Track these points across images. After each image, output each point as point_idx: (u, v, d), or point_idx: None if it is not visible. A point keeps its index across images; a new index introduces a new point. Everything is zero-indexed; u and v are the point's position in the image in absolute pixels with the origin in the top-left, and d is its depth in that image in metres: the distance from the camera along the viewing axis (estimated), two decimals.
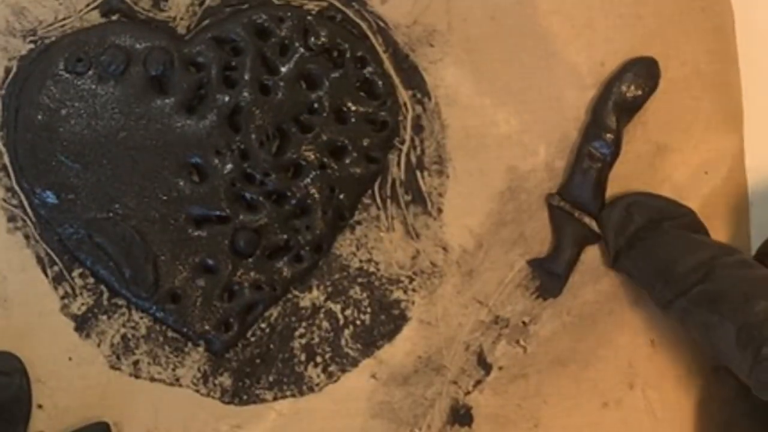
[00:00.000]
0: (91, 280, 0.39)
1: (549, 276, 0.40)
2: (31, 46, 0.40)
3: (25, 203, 0.39)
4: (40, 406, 0.39)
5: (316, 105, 0.40)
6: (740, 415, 0.39)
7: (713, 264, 0.36)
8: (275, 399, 0.40)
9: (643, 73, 0.40)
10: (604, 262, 0.41)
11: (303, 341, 0.40)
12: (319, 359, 0.40)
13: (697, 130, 0.41)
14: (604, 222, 0.40)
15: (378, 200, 0.41)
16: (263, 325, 0.40)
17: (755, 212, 0.41)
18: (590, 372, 0.40)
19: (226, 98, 0.39)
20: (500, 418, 0.40)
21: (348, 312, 0.40)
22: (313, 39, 0.40)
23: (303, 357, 0.40)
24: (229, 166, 0.39)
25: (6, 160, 0.39)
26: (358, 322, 0.40)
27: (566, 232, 0.40)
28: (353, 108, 0.40)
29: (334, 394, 0.40)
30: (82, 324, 0.39)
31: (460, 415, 0.40)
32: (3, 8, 0.39)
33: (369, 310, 0.40)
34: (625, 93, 0.40)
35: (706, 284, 0.36)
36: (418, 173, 0.41)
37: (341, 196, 0.40)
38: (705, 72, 0.41)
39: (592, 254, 0.41)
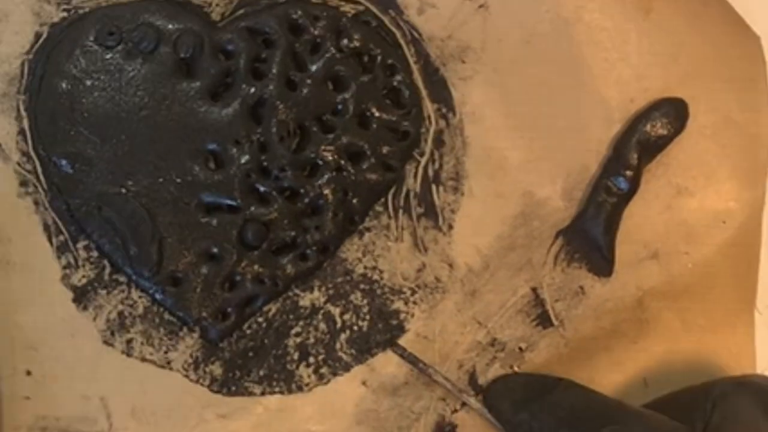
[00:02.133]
0: (95, 253, 0.39)
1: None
2: (64, 14, 0.40)
3: (39, 169, 0.39)
4: (29, 373, 0.39)
5: (340, 107, 0.40)
6: None
7: None
8: (263, 394, 0.40)
9: (671, 114, 0.40)
10: (607, 299, 0.40)
11: (298, 340, 0.40)
12: (311, 360, 0.40)
13: (720, 178, 0.41)
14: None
15: (390, 209, 0.40)
16: (260, 319, 0.40)
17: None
18: None
19: (252, 89, 0.39)
20: None
21: (347, 316, 0.40)
22: (345, 41, 0.40)
23: (296, 356, 0.40)
24: (246, 157, 0.39)
25: (25, 124, 0.39)
26: (355, 328, 0.40)
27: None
28: (377, 114, 0.40)
29: (322, 395, 0.40)
30: (81, 296, 0.39)
31: None
32: None
33: (368, 317, 0.40)
34: (650, 132, 0.40)
35: None
36: (434, 187, 0.40)
37: (354, 201, 0.40)
38: (735, 120, 0.41)
39: (598, 292, 0.40)
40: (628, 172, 0.39)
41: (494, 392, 0.40)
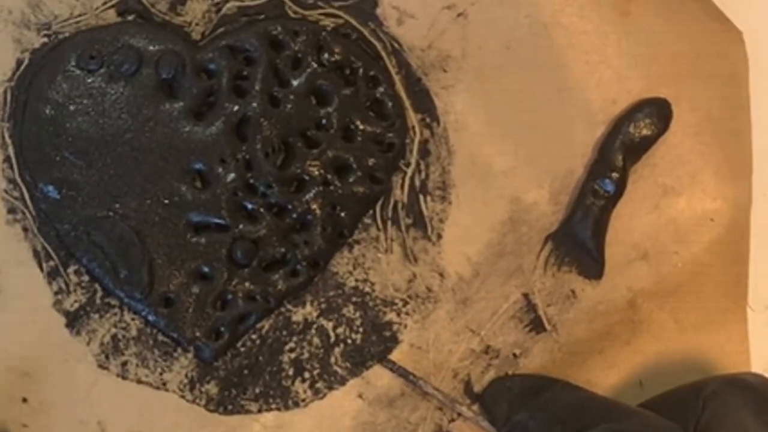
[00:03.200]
0: (86, 277, 0.39)
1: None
2: (45, 40, 0.40)
3: (26, 196, 0.39)
4: (25, 400, 0.39)
5: (324, 121, 0.40)
6: None
7: None
8: (260, 411, 0.40)
9: (655, 114, 0.40)
10: (599, 302, 0.40)
11: (292, 356, 0.40)
12: (307, 375, 0.40)
13: (705, 176, 0.41)
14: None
15: (379, 221, 0.40)
16: (254, 337, 0.40)
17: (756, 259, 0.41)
18: None
19: (235, 107, 0.39)
20: None
21: (340, 330, 0.40)
22: (326, 55, 0.40)
23: (291, 371, 0.40)
24: (232, 175, 0.39)
25: (10, 151, 0.39)
26: (349, 341, 0.40)
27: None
28: (361, 127, 0.40)
29: (319, 410, 0.40)
30: (74, 321, 0.39)
31: None
32: (20, 0, 0.39)
33: (361, 329, 0.40)
34: (634, 133, 0.40)
35: None
36: (421, 197, 0.40)
37: (342, 214, 0.40)
38: (717, 118, 0.41)
39: (589, 294, 0.40)
40: (614, 174, 0.39)
41: (491, 395, 0.40)
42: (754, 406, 0.34)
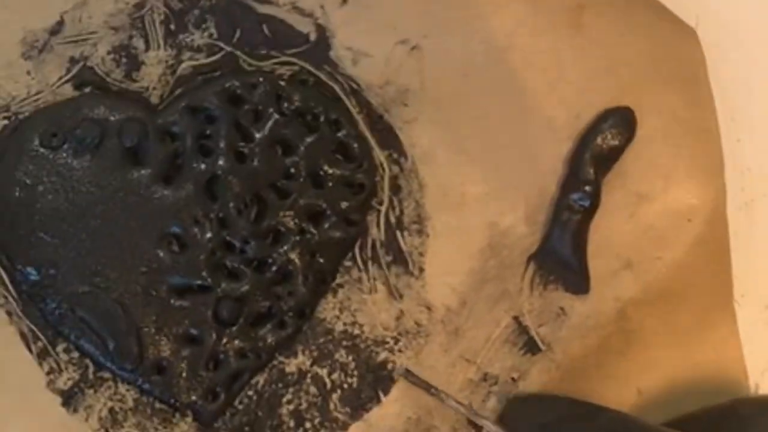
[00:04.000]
0: (76, 354, 0.39)
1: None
2: (5, 122, 0.40)
3: (6, 280, 0.39)
4: None
5: (292, 170, 0.40)
6: None
7: None
8: None
9: (620, 123, 0.40)
10: (589, 316, 0.40)
11: (291, 407, 0.40)
12: (308, 425, 0.40)
13: (678, 178, 0.40)
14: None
15: (359, 262, 0.40)
16: (250, 393, 0.40)
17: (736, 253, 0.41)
18: None
19: (202, 167, 0.39)
20: None
21: (335, 376, 0.40)
22: (286, 104, 0.40)
23: (292, 423, 0.40)
24: (208, 235, 0.39)
25: None
26: (345, 386, 0.40)
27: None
28: (330, 171, 0.40)
29: None
30: (69, 399, 0.39)
31: None
32: None
33: (356, 372, 0.40)
34: (602, 144, 0.39)
35: None
36: (398, 233, 0.40)
37: (322, 261, 0.40)
38: (683, 119, 0.40)
39: (579, 310, 0.40)
40: (587, 188, 0.39)
41: (515, 412, 0.39)
42: None
